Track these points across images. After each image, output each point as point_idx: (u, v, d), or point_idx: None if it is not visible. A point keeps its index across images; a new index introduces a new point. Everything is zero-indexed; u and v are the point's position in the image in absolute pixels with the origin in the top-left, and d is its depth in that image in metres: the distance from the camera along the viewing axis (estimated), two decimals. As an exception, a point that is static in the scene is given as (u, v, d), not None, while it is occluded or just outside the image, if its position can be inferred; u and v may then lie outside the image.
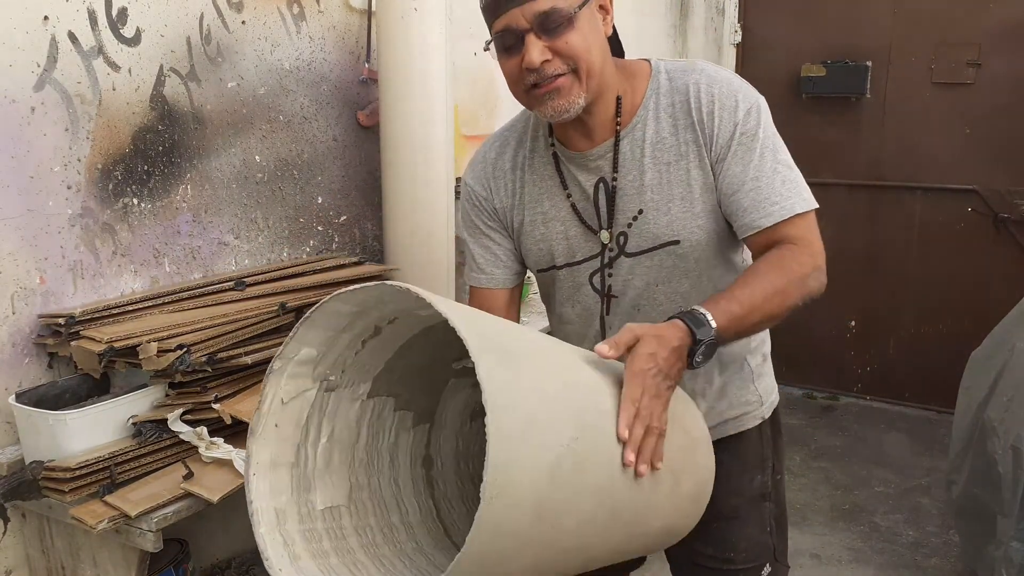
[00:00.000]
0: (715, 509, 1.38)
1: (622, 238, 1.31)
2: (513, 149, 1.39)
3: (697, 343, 1.09)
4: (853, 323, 4.17)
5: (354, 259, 1.96)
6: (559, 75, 1.19)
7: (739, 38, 4.21)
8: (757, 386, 1.42)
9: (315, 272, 1.83)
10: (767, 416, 1.44)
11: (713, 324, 1.11)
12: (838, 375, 4.23)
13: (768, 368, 1.47)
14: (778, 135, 1.27)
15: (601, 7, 1.23)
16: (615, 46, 1.33)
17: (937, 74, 3.77)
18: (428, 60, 1.91)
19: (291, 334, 1.00)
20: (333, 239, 2.11)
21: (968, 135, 3.76)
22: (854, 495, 3.24)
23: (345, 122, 2.10)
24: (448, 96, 1.97)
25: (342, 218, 2.13)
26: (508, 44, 1.20)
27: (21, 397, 1.41)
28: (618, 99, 1.28)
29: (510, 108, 1.51)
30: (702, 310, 1.12)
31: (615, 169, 1.29)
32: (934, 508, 3.13)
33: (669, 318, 1.13)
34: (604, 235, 1.32)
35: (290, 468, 1.04)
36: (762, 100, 1.27)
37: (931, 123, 3.82)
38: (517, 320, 1.50)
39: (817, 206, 1.26)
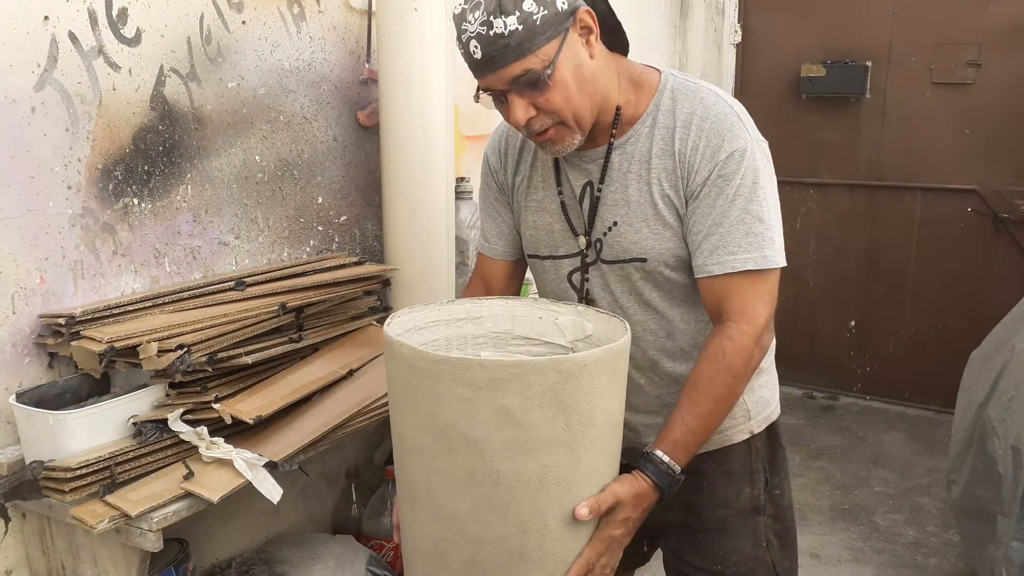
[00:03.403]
0: (700, 519, 1.40)
1: (598, 244, 1.32)
2: None
3: (666, 494, 1.18)
4: (853, 323, 4.17)
5: (354, 259, 1.97)
6: (547, 128, 1.21)
7: (739, 38, 4.21)
8: (746, 399, 1.39)
9: (315, 272, 1.83)
10: (757, 431, 1.41)
11: (677, 469, 1.18)
12: (838, 375, 4.23)
13: (765, 382, 1.43)
14: (764, 186, 1.22)
15: (584, 28, 1.19)
16: (618, 41, 1.31)
17: (937, 74, 3.77)
18: (428, 60, 1.92)
19: None
20: (333, 239, 2.11)
21: (968, 135, 3.76)
22: (854, 495, 3.24)
23: (345, 122, 2.10)
24: (448, 96, 1.97)
25: (342, 218, 2.13)
26: (495, 96, 1.22)
27: (21, 397, 1.41)
28: (617, 109, 1.28)
29: (510, 108, 1.51)
30: (666, 459, 1.18)
31: (602, 178, 1.30)
32: (934, 508, 3.13)
33: (634, 467, 1.18)
34: (582, 240, 1.34)
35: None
36: (754, 146, 1.22)
37: (931, 123, 3.82)
38: (518, 292, 1.55)
39: (777, 265, 1.22)
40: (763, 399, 1.42)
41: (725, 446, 1.39)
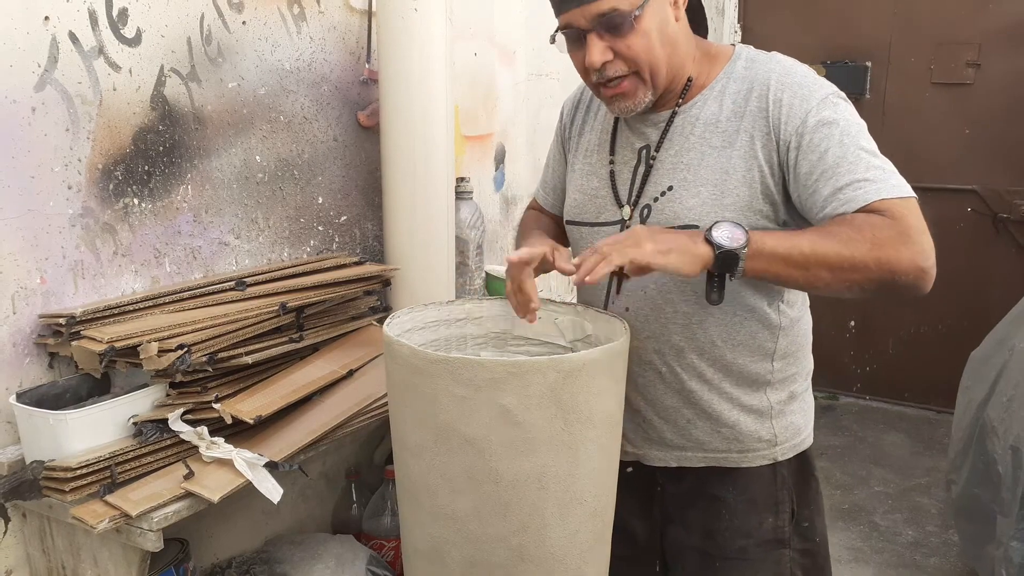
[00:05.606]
0: (719, 547, 1.33)
1: (646, 211, 1.28)
2: None
3: (717, 251, 1.08)
4: (853, 323, 4.17)
5: (354, 259, 1.97)
6: (622, 77, 1.20)
7: (739, 38, 4.21)
8: (774, 424, 1.32)
9: (316, 272, 1.83)
10: (782, 458, 1.33)
11: (741, 241, 1.08)
12: (838, 375, 4.23)
13: (797, 408, 1.35)
14: (863, 125, 1.18)
15: None
16: (698, 26, 1.30)
17: (937, 74, 3.77)
18: (428, 60, 1.92)
19: None
20: (333, 239, 2.11)
21: (968, 135, 3.76)
22: (854, 495, 3.25)
23: (345, 122, 2.10)
24: (448, 96, 1.97)
25: (342, 218, 2.13)
26: (572, 38, 1.20)
27: (22, 397, 1.41)
28: (689, 79, 1.27)
29: (510, 108, 1.51)
30: (739, 226, 1.11)
31: (660, 142, 1.28)
32: (934, 508, 3.13)
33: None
34: (626, 211, 1.31)
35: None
36: (839, 92, 1.21)
37: (931, 123, 3.82)
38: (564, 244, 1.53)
39: (912, 195, 1.12)
40: (793, 425, 1.35)
41: (744, 468, 1.33)
